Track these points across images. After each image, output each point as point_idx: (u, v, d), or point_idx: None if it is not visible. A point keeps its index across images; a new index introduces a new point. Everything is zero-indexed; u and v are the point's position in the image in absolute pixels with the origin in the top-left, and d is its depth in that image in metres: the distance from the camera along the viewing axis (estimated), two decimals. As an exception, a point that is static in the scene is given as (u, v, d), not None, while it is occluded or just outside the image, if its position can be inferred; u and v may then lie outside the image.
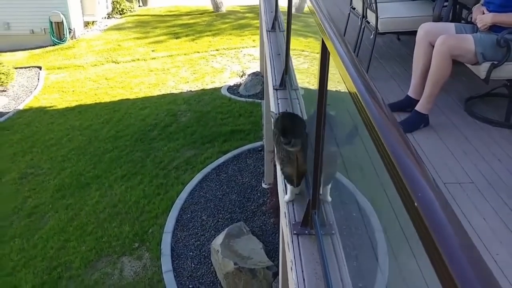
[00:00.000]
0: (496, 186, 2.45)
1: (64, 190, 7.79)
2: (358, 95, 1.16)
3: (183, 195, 7.40)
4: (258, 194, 7.42)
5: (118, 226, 6.89)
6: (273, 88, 3.55)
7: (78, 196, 7.61)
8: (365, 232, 2.45)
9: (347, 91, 1.31)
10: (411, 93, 3.31)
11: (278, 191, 2.65)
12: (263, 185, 7.51)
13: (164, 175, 7.93)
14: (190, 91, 11.17)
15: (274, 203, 6.81)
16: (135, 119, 9.95)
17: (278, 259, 5.10)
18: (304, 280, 1.83)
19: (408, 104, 3.28)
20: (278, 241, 5.49)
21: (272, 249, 6.17)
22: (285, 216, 2.27)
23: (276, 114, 2.44)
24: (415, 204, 0.77)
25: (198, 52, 13.56)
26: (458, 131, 3.06)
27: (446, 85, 3.36)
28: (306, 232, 2.08)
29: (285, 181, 2.32)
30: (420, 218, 0.74)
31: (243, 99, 10.36)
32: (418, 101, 3.16)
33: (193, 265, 6.21)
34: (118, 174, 8.04)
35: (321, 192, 2.09)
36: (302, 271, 1.88)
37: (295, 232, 2.09)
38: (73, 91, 11.72)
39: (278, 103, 3.35)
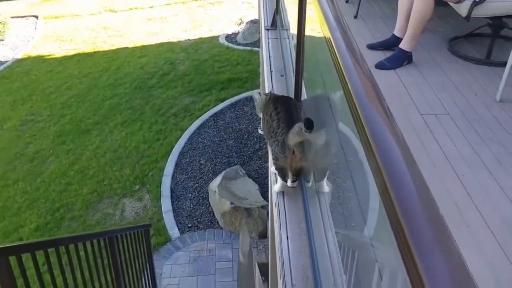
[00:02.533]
0: (470, 117, 2.60)
1: (64, 136, 7.98)
2: (333, 41, 1.13)
3: (182, 140, 7.59)
4: (255, 139, 7.59)
5: (119, 169, 7.10)
6: (264, 29, 3.64)
7: (79, 142, 7.80)
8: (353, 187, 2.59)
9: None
10: (396, 32, 3.42)
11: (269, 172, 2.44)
12: (260, 131, 7.62)
13: (163, 122, 8.09)
14: (188, 39, 11.18)
15: (270, 148, 7.00)
16: (133, 67, 10.03)
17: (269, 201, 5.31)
18: (285, 215, 1.99)
19: (394, 42, 3.40)
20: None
21: (267, 191, 6.39)
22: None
23: (263, 95, 2.11)
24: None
25: (196, 0, 13.47)
26: (439, 68, 3.19)
27: (432, 26, 3.46)
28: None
29: (277, 173, 2.06)
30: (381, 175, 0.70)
31: (241, 47, 10.39)
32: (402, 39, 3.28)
33: (191, 206, 6.47)
34: (118, 120, 8.20)
35: (315, 184, 1.99)
36: (285, 209, 2.04)
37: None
38: (71, 40, 11.74)
39: (268, 43, 3.45)
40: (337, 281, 1.68)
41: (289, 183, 2.03)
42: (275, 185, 2.10)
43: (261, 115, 2.13)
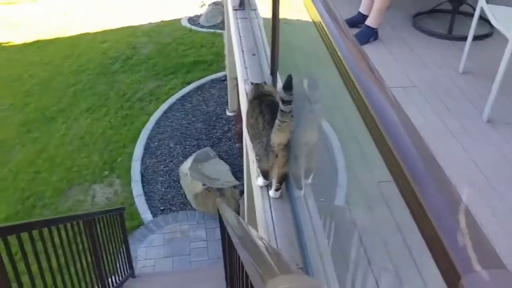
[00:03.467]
0: (436, 89, 2.74)
1: (29, 125, 7.84)
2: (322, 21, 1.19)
3: (149, 125, 7.57)
4: (223, 121, 7.64)
5: (87, 156, 7.05)
6: (232, 9, 3.69)
7: (45, 130, 7.69)
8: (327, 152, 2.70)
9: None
10: (362, 9, 3.53)
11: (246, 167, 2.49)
12: (228, 113, 7.73)
13: (129, 107, 8.04)
14: (150, 23, 11.05)
15: (239, 129, 7.07)
16: (96, 52, 9.87)
17: (243, 178, 5.40)
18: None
19: (360, 20, 3.50)
20: (243, 163, 5.79)
21: (238, 171, 6.48)
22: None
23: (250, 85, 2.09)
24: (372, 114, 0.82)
25: (156, -18, 13.27)
26: (404, 43, 3.32)
27: (396, 2, 3.58)
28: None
29: (259, 171, 2.03)
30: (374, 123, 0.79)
31: (204, 29, 10.35)
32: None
33: (163, 189, 6.50)
34: (83, 107, 8.10)
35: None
36: None
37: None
38: (29, 26, 11.43)
39: (238, 23, 3.51)
40: (320, 243, 1.79)
41: (271, 192, 2.01)
42: (258, 179, 2.08)
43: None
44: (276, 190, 1.99)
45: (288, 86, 1.61)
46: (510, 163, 2.16)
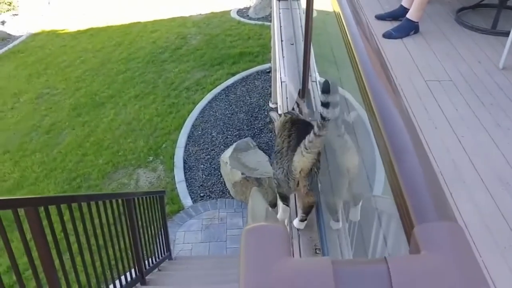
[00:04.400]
0: (472, 83, 2.71)
1: (79, 109, 8.16)
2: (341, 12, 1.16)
3: (194, 113, 7.74)
4: (265, 113, 7.72)
5: (133, 141, 7.29)
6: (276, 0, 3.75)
7: (94, 114, 7.98)
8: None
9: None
10: (404, 2, 3.51)
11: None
12: (270, 105, 7.79)
13: (175, 95, 8.23)
14: (200, 14, 11.24)
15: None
16: (146, 41, 10.14)
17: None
18: None
19: (401, 13, 3.49)
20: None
21: (277, 162, 6.54)
22: (280, 108, 2.57)
23: (282, 115, 1.96)
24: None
25: (207, -25, 13.46)
26: (445, 37, 3.29)
27: (440, -3, 3.53)
28: (298, 118, 2.37)
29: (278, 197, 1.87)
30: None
31: (252, 21, 10.45)
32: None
33: (204, 176, 6.65)
34: (132, 94, 8.36)
35: (350, 214, 1.84)
36: None
37: (288, 118, 2.38)
38: (83, 14, 11.84)
39: (279, 13, 3.56)
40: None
41: (295, 222, 1.84)
42: (294, 221, 1.89)
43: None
44: (301, 220, 1.84)
45: (326, 89, 1.49)
46: (508, 162, 2.13)
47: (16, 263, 2.00)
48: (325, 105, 1.47)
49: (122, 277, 3.42)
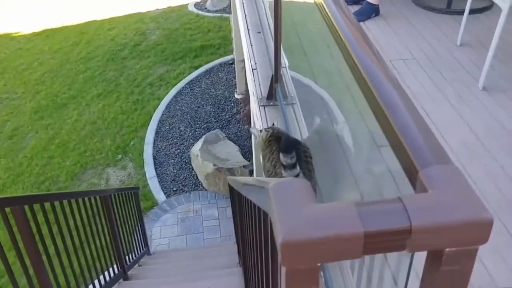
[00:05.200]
0: (434, 60, 2.84)
1: (41, 112, 8.02)
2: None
3: (160, 109, 7.72)
4: (232, 104, 7.77)
5: (100, 141, 7.22)
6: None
7: (57, 116, 7.86)
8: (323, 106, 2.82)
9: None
10: (363, -14, 3.62)
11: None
12: (236, 96, 7.85)
13: (139, 92, 8.18)
14: (157, 9, 11.15)
15: (247, 111, 7.20)
16: (104, 40, 10.01)
17: (252, 158, 5.52)
18: None
19: (362, -4, 3.60)
20: (252, 144, 5.94)
21: (247, 151, 6.62)
22: (253, 95, 2.64)
23: (263, 131, 1.89)
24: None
25: (162, -31, 13.33)
26: (405, 19, 3.42)
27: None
28: (271, 103, 2.46)
29: None
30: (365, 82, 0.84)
31: (211, 14, 10.44)
32: (370, -7, 3.49)
33: (175, 171, 6.66)
34: (94, 93, 8.26)
35: None
36: None
37: (261, 104, 2.46)
38: (37, 15, 11.56)
39: (243, 2, 3.60)
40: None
41: None
42: None
43: (261, 155, 1.87)
44: None
45: (286, 148, 1.44)
46: (503, 127, 2.27)
47: None
48: (287, 167, 1.47)
49: (106, 273, 3.44)
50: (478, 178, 2.04)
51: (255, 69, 2.66)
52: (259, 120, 2.40)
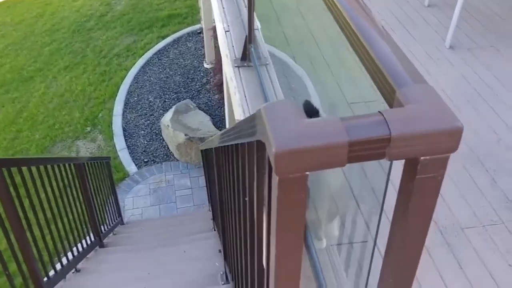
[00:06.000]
0: (403, 21, 2.91)
1: (7, 85, 7.83)
2: None
3: (128, 80, 7.63)
4: (201, 74, 7.74)
5: (68, 113, 7.12)
6: None
7: (23, 90, 7.69)
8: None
9: None
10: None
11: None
12: (205, 65, 7.81)
13: (106, 63, 8.06)
14: (122, -21, 10.89)
15: (218, 80, 7.18)
16: (69, 11, 9.75)
17: (225, 127, 5.55)
18: (245, 96, 2.26)
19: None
20: (224, 113, 5.95)
21: (218, 121, 6.65)
22: (227, 57, 2.66)
23: None
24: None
25: None
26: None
27: None
28: (245, 64, 2.48)
29: None
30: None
31: (177, -17, 10.26)
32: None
33: (145, 142, 6.64)
34: (61, 65, 8.10)
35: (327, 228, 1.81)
36: (244, 91, 2.31)
37: (236, 65, 2.49)
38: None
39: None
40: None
41: None
42: None
43: None
44: None
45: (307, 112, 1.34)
46: (469, 83, 2.36)
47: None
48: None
49: (83, 241, 3.46)
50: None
51: (228, 31, 2.68)
52: (234, 81, 2.43)
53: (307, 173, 0.60)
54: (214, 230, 3.79)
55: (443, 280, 1.70)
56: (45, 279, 2.53)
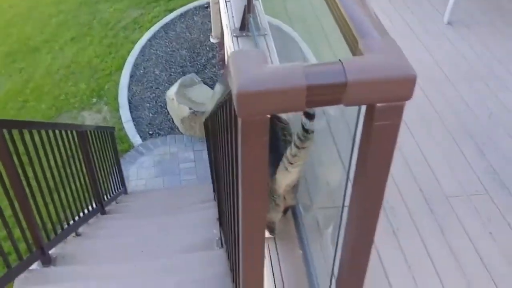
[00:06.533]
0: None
1: (14, 55, 7.87)
2: None
3: (134, 53, 7.64)
4: (207, 48, 7.73)
5: (74, 84, 7.17)
6: None
7: (30, 60, 7.73)
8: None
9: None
10: None
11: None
12: (211, 40, 7.80)
13: (113, 35, 8.07)
14: (130, -50, 10.81)
15: (223, 55, 7.19)
16: (76, -18, 9.72)
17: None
18: None
19: None
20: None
21: (223, 95, 6.66)
22: (227, 27, 2.68)
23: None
24: None
25: None
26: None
27: None
28: (244, 34, 2.51)
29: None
30: None
31: (185, -44, 10.18)
32: None
33: (150, 115, 6.69)
34: (67, 37, 8.11)
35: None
36: None
37: (234, 35, 2.51)
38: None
39: None
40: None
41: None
42: None
43: None
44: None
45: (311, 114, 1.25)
46: (466, 60, 2.38)
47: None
48: (309, 116, 1.25)
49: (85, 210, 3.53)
50: (437, 103, 2.16)
51: (229, 1, 2.69)
52: (232, 49, 2.46)
53: (268, 116, 0.64)
54: (215, 201, 3.86)
55: (425, 246, 1.75)
56: (46, 241, 2.61)
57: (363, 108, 0.68)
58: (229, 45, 2.56)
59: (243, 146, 0.66)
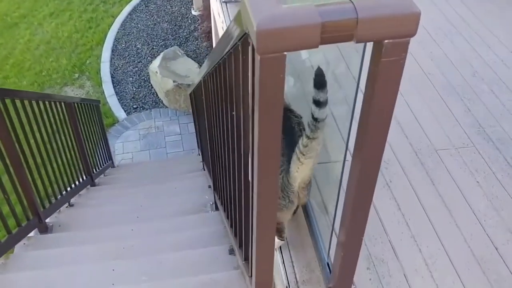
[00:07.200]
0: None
1: (-9, 31, 7.73)
2: None
3: (115, 26, 7.57)
4: (189, 21, 7.68)
5: (56, 60, 7.09)
6: None
7: (8, 36, 7.60)
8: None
9: None
10: None
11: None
12: (193, 12, 7.75)
13: (92, 10, 7.96)
14: None
15: (206, 28, 7.15)
16: (51, -44, 9.50)
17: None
18: None
19: None
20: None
21: (206, 67, 6.65)
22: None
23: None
24: None
25: None
26: None
27: None
28: (233, 0, 2.52)
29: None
30: None
31: None
32: None
33: (134, 89, 6.67)
34: (46, 12, 7.98)
35: None
36: None
37: (224, 0, 2.53)
38: None
39: None
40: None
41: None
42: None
43: None
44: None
45: (320, 82, 1.24)
46: (447, 18, 2.43)
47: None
48: (318, 103, 1.23)
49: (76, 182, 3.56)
50: (424, 63, 2.22)
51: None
52: (221, 16, 2.48)
53: (285, 53, 0.69)
54: (204, 170, 3.91)
55: (417, 195, 1.84)
56: (42, 209, 2.65)
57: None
58: (218, 11, 2.58)
59: (261, 84, 0.71)
